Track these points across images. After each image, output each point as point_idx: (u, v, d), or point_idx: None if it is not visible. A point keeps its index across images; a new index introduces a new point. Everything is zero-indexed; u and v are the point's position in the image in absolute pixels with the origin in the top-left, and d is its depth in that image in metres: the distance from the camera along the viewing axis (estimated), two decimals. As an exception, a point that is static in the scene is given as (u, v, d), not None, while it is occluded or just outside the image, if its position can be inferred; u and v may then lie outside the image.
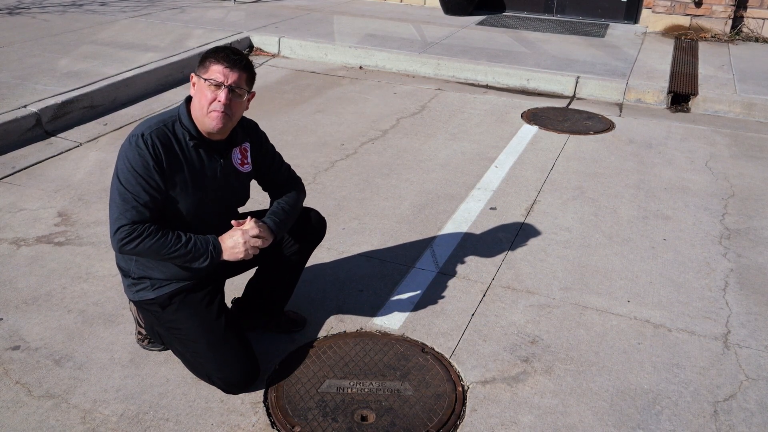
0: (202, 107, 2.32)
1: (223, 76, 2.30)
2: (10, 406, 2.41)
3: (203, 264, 2.35)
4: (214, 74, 2.31)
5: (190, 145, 2.38)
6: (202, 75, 2.33)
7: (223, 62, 2.31)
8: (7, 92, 5.17)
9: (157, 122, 2.36)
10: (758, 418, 2.48)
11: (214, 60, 2.32)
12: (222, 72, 2.30)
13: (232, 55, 2.34)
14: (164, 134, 2.33)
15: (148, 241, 2.27)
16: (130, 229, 2.26)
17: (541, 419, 2.45)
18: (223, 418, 2.39)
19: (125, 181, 2.28)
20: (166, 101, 5.71)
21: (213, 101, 2.31)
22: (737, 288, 3.30)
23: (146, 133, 2.30)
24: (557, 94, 6.31)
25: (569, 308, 3.10)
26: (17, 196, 3.98)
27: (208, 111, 2.32)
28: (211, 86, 2.30)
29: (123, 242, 2.27)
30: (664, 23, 8.25)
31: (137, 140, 2.29)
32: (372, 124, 5.32)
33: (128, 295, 2.56)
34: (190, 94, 2.42)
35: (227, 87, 2.30)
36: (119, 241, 2.27)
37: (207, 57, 2.35)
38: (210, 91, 2.31)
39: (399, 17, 8.68)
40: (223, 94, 2.30)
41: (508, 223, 3.86)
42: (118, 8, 8.55)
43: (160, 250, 2.30)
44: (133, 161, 2.28)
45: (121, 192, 2.28)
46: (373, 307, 3.06)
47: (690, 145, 5.12)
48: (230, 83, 2.31)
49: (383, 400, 2.48)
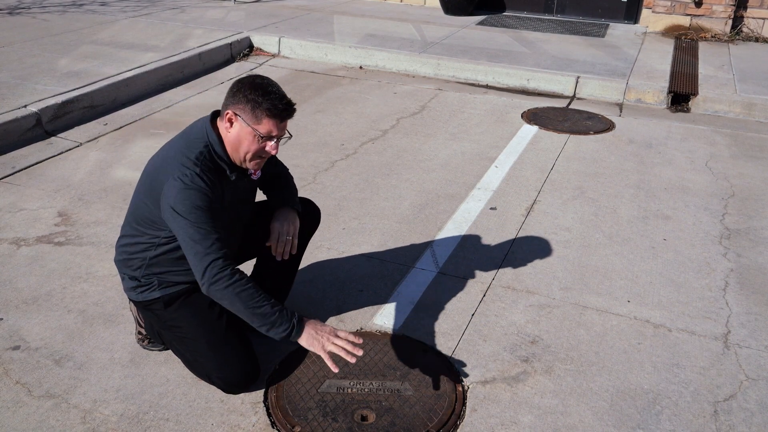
0: (244, 153, 2.28)
1: (277, 131, 2.26)
2: (10, 406, 2.41)
3: (281, 333, 2.21)
4: (267, 129, 2.23)
5: (232, 178, 2.36)
6: (250, 123, 2.23)
7: (278, 118, 2.24)
8: (7, 92, 5.17)
9: (196, 157, 2.26)
10: (758, 418, 2.48)
11: (269, 115, 2.22)
12: (277, 127, 2.25)
13: (286, 106, 2.25)
14: (210, 169, 2.27)
15: (241, 289, 2.17)
16: (224, 266, 2.18)
17: (541, 419, 2.45)
18: (223, 418, 2.39)
19: (197, 220, 2.19)
20: (166, 101, 5.72)
21: (260, 150, 2.27)
22: (737, 288, 3.30)
23: (197, 170, 2.22)
24: (557, 94, 6.31)
25: (569, 308, 3.10)
26: (17, 196, 3.98)
27: (251, 158, 2.30)
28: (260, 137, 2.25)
29: (215, 279, 2.16)
30: (664, 23, 8.25)
31: (193, 179, 2.20)
32: (372, 124, 5.32)
33: (130, 296, 2.56)
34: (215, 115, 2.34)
35: (277, 137, 2.28)
36: (212, 277, 2.16)
37: (258, 106, 2.21)
38: (257, 141, 2.25)
39: (399, 17, 8.68)
40: (274, 147, 2.28)
41: (508, 223, 3.86)
42: (118, 8, 8.55)
43: (248, 303, 2.18)
44: (197, 200, 2.20)
45: (197, 231, 2.19)
46: (373, 307, 3.06)
47: (690, 145, 5.12)
48: (280, 134, 2.28)
49: (383, 400, 2.48)
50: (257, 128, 2.24)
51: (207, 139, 2.31)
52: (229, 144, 2.30)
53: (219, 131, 2.33)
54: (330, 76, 6.63)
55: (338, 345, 2.19)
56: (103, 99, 5.44)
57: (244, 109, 2.23)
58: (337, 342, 2.20)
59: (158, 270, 2.46)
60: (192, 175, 2.22)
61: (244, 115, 2.24)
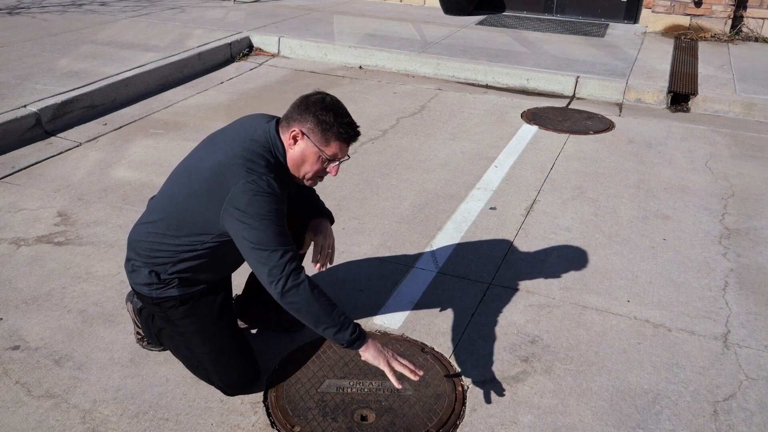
0: (304, 172, 2.27)
1: (342, 154, 2.26)
2: (10, 406, 2.41)
3: (348, 337, 2.19)
4: (334, 151, 2.22)
5: (293, 189, 2.38)
6: (318, 144, 2.21)
7: (347, 142, 2.24)
8: (6, 92, 5.16)
9: (265, 162, 2.21)
10: (758, 418, 2.48)
11: (338, 139, 2.21)
12: (343, 150, 2.25)
13: (355, 130, 2.25)
14: (279, 175, 2.24)
15: (317, 293, 2.16)
16: (297, 263, 2.16)
17: (540, 419, 2.45)
18: (222, 418, 2.39)
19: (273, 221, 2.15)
20: (165, 101, 5.71)
21: (321, 170, 2.27)
22: (737, 288, 3.30)
23: (270, 177, 2.17)
24: (557, 93, 6.31)
25: (569, 308, 3.10)
26: (17, 195, 3.98)
27: (310, 177, 2.29)
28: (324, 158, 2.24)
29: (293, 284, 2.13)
30: (664, 23, 8.25)
31: (269, 184, 2.15)
32: (372, 124, 5.32)
33: (143, 292, 2.42)
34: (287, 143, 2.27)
35: (340, 162, 2.27)
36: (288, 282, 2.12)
37: (329, 128, 2.20)
38: (321, 162, 2.24)
39: (399, 17, 8.68)
40: (335, 170, 2.27)
41: (508, 222, 3.86)
42: (118, 8, 8.55)
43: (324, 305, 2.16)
44: (273, 202, 2.15)
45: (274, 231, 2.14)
46: (373, 307, 3.06)
47: (690, 145, 5.12)
48: (344, 157, 2.28)
49: (383, 400, 2.48)
50: (324, 150, 2.22)
51: (270, 146, 2.26)
52: (290, 160, 2.27)
53: (282, 141, 2.28)
54: (330, 75, 6.63)
55: (402, 363, 2.22)
56: (103, 99, 5.44)
57: (313, 129, 2.21)
58: (401, 360, 2.23)
59: (185, 267, 2.38)
60: (268, 180, 2.16)
61: (312, 135, 2.21)
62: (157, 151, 4.65)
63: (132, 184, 4.16)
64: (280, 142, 2.27)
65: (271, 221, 2.14)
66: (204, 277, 2.44)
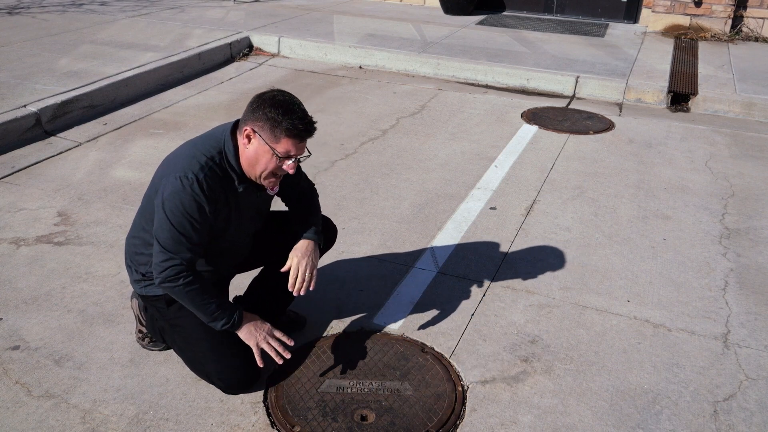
0: (260, 171, 2.26)
1: (295, 150, 2.24)
2: (10, 406, 2.41)
3: (221, 327, 2.36)
4: (286, 148, 2.21)
5: (239, 189, 2.34)
6: (268, 142, 2.21)
7: (297, 138, 2.21)
8: (6, 92, 5.16)
9: (206, 161, 2.25)
10: (758, 418, 2.48)
11: (288, 135, 2.19)
12: (296, 146, 2.23)
13: (307, 125, 2.22)
14: (216, 175, 2.26)
15: (189, 289, 2.28)
16: (179, 271, 2.25)
17: (540, 419, 2.45)
18: (222, 418, 2.39)
19: (179, 224, 2.22)
20: (165, 101, 5.71)
21: (276, 168, 2.25)
22: (737, 288, 3.30)
23: (200, 176, 2.21)
24: (557, 93, 6.31)
25: (569, 308, 3.10)
26: (17, 195, 3.98)
27: (266, 176, 2.28)
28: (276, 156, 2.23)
29: (167, 280, 2.25)
30: (664, 23, 8.25)
31: (192, 184, 2.20)
32: (372, 124, 5.32)
33: (135, 289, 2.55)
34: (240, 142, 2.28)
35: (296, 158, 2.26)
36: (166, 278, 2.25)
37: (278, 124, 2.19)
38: (275, 160, 2.23)
39: (399, 17, 8.68)
40: (292, 167, 2.26)
41: (508, 222, 3.86)
42: (118, 8, 8.55)
43: (195, 302, 2.32)
44: (187, 206, 2.21)
45: (173, 233, 2.22)
46: (373, 307, 3.06)
47: (690, 145, 5.12)
48: (299, 154, 2.26)
49: (383, 400, 2.48)
50: (275, 147, 2.21)
51: (223, 147, 2.29)
52: (245, 160, 2.28)
53: (237, 142, 2.30)
54: (330, 75, 6.63)
55: (270, 345, 2.40)
56: (103, 99, 5.44)
57: (263, 127, 2.21)
58: (271, 342, 2.40)
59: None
60: (192, 180, 2.20)
61: (262, 133, 2.21)
62: (157, 151, 4.64)
63: (132, 184, 4.16)
64: (233, 143, 2.29)
65: (177, 223, 2.22)
66: None
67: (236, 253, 2.59)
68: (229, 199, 2.33)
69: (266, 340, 2.40)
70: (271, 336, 2.41)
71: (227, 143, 2.29)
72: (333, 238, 2.81)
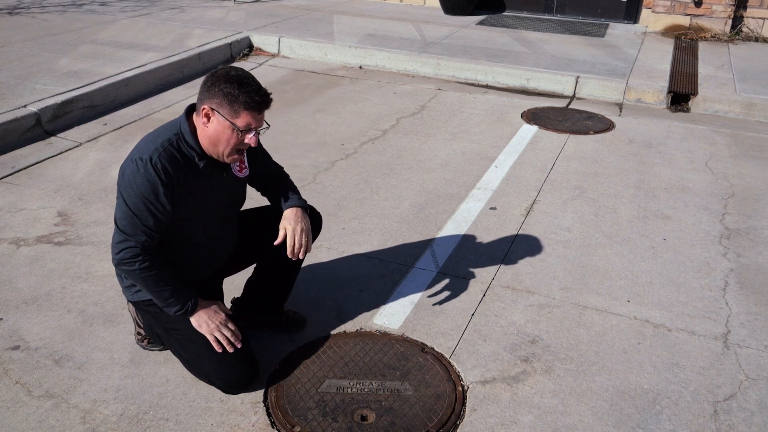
0: (223, 147, 2.27)
1: (255, 122, 2.24)
2: (10, 406, 2.41)
3: (173, 314, 2.41)
4: (246, 121, 2.22)
5: (199, 166, 2.33)
6: (227, 117, 2.21)
7: (256, 110, 2.22)
8: (6, 92, 5.16)
9: (162, 142, 2.26)
10: (758, 418, 2.48)
11: (246, 108, 2.20)
12: (254, 119, 2.23)
13: (262, 97, 2.23)
14: (172, 156, 2.26)
15: (145, 273, 2.30)
16: (133, 253, 2.27)
17: (540, 419, 2.45)
18: (222, 418, 2.39)
19: (134, 206, 2.23)
20: (165, 101, 5.71)
21: (239, 143, 2.25)
22: (737, 288, 3.30)
23: (154, 157, 2.22)
24: (557, 93, 6.31)
25: (569, 308, 3.10)
26: (17, 195, 3.98)
27: (229, 153, 2.28)
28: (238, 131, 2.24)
29: (122, 262, 2.29)
30: (664, 23, 8.25)
31: (146, 166, 2.21)
32: (372, 124, 5.32)
33: (126, 296, 2.55)
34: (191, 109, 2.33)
35: (256, 130, 2.26)
36: (121, 260, 2.29)
37: (235, 99, 2.20)
38: (236, 135, 2.24)
39: (399, 17, 8.68)
40: (253, 140, 2.26)
41: (508, 222, 3.86)
42: (118, 8, 8.55)
43: (150, 286, 2.35)
44: (142, 188, 2.22)
45: (128, 216, 2.25)
46: (373, 307, 3.06)
47: (690, 145, 5.12)
48: (258, 126, 2.27)
49: (383, 400, 2.48)
50: (235, 122, 2.22)
51: (179, 128, 2.32)
52: (206, 139, 2.29)
53: (194, 124, 2.32)
54: (330, 75, 6.63)
55: (223, 334, 2.43)
56: (103, 99, 5.44)
57: (221, 103, 2.22)
58: (224, 331, 2.44)
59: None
60: (146, 161, 2.22)
61: (221, 109, 2.22)
62: (157, 151, 4.64)
63: (132, 184, 4.16)
64: (189, 124, 2.31)
65: (133, 205, 2.24)
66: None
67: (217, 246, 2.56)
68: (189, 180, 2.32)
69: (219, 329, 2.43)
70: (224, 326, 2.44)
71: (183, 124, 2.32)
72: (319, 227, 2.79)
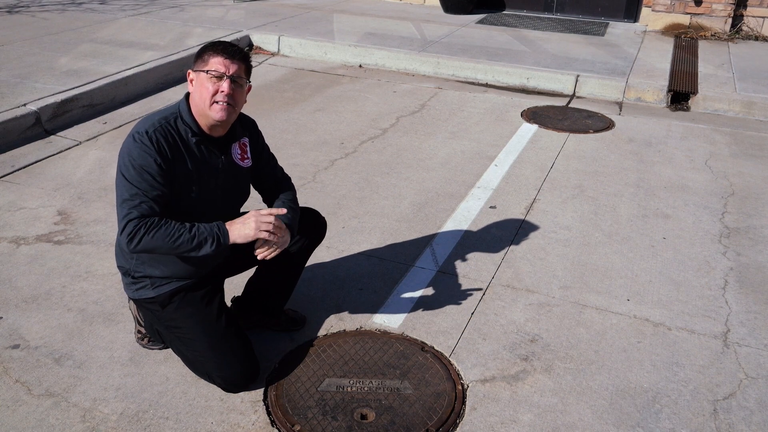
0: (204, 100, 2.32)
1: (224, 67, 2.31)
2: (10, 405, 2.41)
3: (211, 249, 2.28)
4: (215, 66, 2.31)
5: (192, 142, 2.38)
6: (201, 68, 2.33)
7: (222, 54, 2.32)
8: (6, 91, 5.16)
9: (159, 119, 2.35)
10: (758, 417, 2.48)
11: (213, 53, 2.33)
12: (223, 63, 2.31)
13: (229, 47, 2.36)
14: (167, 130, 2.33)
15: (154, 231, 2.23)
16: (138, 222, 2.23)
17: (540, 418, 2.45)
18: (222, 417, 2.39)
19: (131, 177, 2.25)
20: (165, 100, 5.71)
21: (216, 93, 2.32)
22: (737, 287, 3.30)
23: (150, 130, 2.29)
24: (557, 92, 6.31)
25: (569, 307, 3.10)
26: (17, 194, 3.98)
27: (211, 103, 2.32)
28: (213, 78, 2.30)
29: (131, 236, 2.21)
30: (664, 22, 8.24)
31: (141, 137, 2.27)
32: (372, 123, 5.32)
33: (128, 294, 2.55)
34: (188, 91, 2.42)
35: (229, 77, 2.31)
36: (128, 235, 2.22)
37: (204, 51, 2.36)
38: (211, 83, 2.31)
39: (398, 16, 8.68)
40: (226, 85, 2.31)
41: (508, 221, 3.86)
42: (118, 7, 8.54)
43: (166, 240, 2.23)
44: (138, 158, 2.26)
45: (128, 188, 2.25)
46: (373, 306, 3.06)
47: (690, 144, 5.12)
48: (231, 73, 2.32)
49: (383, 399, 2.48)
50: (203, 68, 2.33)
51: (177, 108, 2.41)
52: (194, 104, 2.37)
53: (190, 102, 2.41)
54: (329, 74, 6.62)
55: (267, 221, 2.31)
56: (103, 98, 5.44)
57: (195, 62, 2.36)
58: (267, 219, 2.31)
59: (146, 260, 2.44)
60: (142, 134, 2.28)
61: (195, 65, 2.36)
62: (157, 150, 4.64)
63: (132, 182, 4.16)
64: (186, 103, 2.41)
65: (130, 176, 2.25)
66: (167, 272, 2.45)
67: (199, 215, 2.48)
68: (188, 156, 2.37)
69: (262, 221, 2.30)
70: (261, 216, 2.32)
71: (182, 104, 2.42)
72: (323, 232, 2.79)
